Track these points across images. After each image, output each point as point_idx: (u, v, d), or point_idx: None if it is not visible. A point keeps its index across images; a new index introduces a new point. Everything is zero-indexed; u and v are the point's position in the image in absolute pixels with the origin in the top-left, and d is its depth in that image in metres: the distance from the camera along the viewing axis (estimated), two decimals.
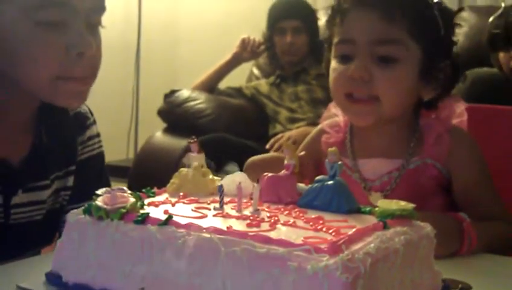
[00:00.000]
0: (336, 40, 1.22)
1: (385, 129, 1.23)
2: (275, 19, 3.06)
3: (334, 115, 1.35)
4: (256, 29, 3.20)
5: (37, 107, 1.17)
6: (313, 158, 1.27)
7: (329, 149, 0.88)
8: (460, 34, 1.29)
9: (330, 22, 1.25)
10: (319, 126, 1.37)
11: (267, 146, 2.70)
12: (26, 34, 1.04)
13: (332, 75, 1.22)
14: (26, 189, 1.15)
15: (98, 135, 1.34)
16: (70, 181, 1.25)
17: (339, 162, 0.87)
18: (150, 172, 2.86)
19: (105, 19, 1.14)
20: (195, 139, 0.97)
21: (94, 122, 1.33)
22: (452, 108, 1.26)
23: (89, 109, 1.33)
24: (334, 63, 1.22)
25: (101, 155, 1.33)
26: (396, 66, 1.16)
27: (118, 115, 3.89)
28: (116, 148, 3.79)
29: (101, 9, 1.12)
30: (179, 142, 2.88)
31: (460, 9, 1.37)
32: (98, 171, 1.32)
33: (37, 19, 1.03)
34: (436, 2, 1.20)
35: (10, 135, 1.14)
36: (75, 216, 0.82)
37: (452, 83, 1.24)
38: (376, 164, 1.24)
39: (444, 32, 1.20)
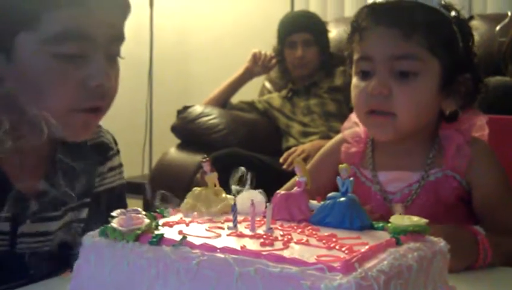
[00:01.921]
0: (355, 57, 1.24)
1: (406, 142, 1.24)
2: (285, 32, 3.07)
3: (355, 125, 1.35)
4: (267, 44, 3.21)
5: (52, 140, 1.14)
6: (331, 167, 1.26)
7: (340, 166, 0.88)
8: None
9: (350, 39, 1.26)
10: (339, 135, 1.38)
11: (281, 160, 2.70)
12: (44, 66, 1.02)
13: (353, 92, 1.24)
14: (35, 219, 1.12)
15: (119, 166, 1.31)
16: (84, 213, 1.22)
17: (351, 179, 0.88)
18: (165, 188, 2.87)
19: None
20: (208, 158, 0.98)
21: (117, 152, 1.30)
22: (472, 121, 1.26)
23: (113, 138, 1.31)
24: (355, 80, 1.23)
25: (120, 187, 1.30)
26: (415, 80, 1.17)
27: (132, 131, 3.92)
28: (131, 165, 3.82)
29: (121, 39, 1.10)
30: (193, 158, 2.89)
31: (470, 18, 1.38)
32: (115, 204, 1.24)
33: (55, 51, 1.02)
34: (455, 16, 1.21)
35: (25, 163, 1.12)
36: (92, 238, 0.83)
37: (474, 96, 1.24)
38: (397, 176, 1.25)
39: (463, 46, 1.21)
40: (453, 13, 1.21)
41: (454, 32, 1.20)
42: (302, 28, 3.03)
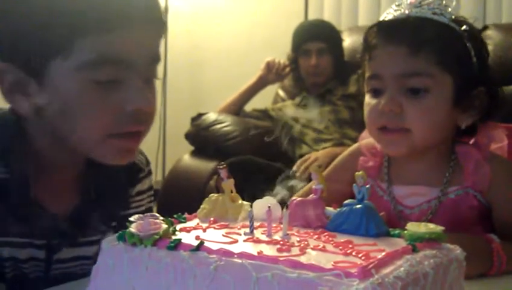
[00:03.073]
0: (367, 75, 1.24)
1: (422, 157, 1.23)
2: (300, 40, 3.09)
3: None
4: (281, 52, 3.22)
5: (85, 161, 1.13)
6: (347, 176, 1.26)
7: (357, 173, 0.89)
8: None
9: (361, 57, 1.26)
10: (356, 145, 1.37)
11: (294, 168, 2.71)
12: (79, 92, 1.00)
13: (365, 109, 1.24)
14: (71, 245, 1.12)
15: (149, 189, 1.28)
16: None
17: (367, 186, 0.88)
18: (179, 194, 2.89)
19: None
20: (225, 165, 0.98)
21: (149, 173, 1.28)
22: (490, 134, 1.25)
23: (146, 159, 1.28)
24: (367, 98, 1.24)
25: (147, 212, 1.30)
26: (426, 96, 1.16)
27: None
28: None
29: (157, 60, 1.07)
30: (207, 165, 2.90)
31: (485, 28, 1.37)
32: None
33: (91, 78, 0.99)
34: (466, 30, 1.19)
35: (58, 189, 1.11)
36: (110, 243, 0.84)
37: (490, 109, 1.22)
38: (414, 191, 1.24)
39: (477, 60, 1.19)
40: (464, 27, 1.19)
41: (466, 46, 1.18)
42: (316, 37, 3.04)
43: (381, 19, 1.26)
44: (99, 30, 0.98)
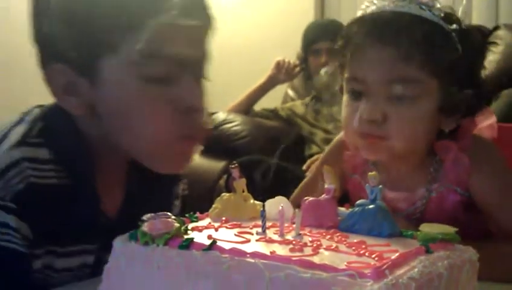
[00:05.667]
0: (346, 74, 1.15)
1: (403, 161, 1.17)
2: (310, 40, 3.09)
3: None
4: (291, 51, 3.22)
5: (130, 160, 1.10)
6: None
7: (370, 173, 0.88)
8: (497, 53, 1.25)
9: (340, 52, 1.16)
10: (339, 138, 1.30)
11: (304, 167, 2.70)
12: (133, 87, 0.96)
13: (344, 111, 1.16)
14: None
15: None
16: None
17: (380, 186, 0.88)
18: (188, 193, 2.89)
19: None
20: (237, 165, 0.98)
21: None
22: (471, 122, 1.17)
23: None
24: (346, 98, 1.16)
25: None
26: (412, 103, 1.08)
27: None
28: None
29: (207, 58, 1.04)
30: (216, 164, 2.90)
31: (496, 28, 1.34)
32: None
33: (143, 73, 0.96)
34: (456, 29, 1.10)
35: (105, 187, 1.06)
36: (122, 242, 0.84)
37: (474, 111, 1.15)
38: (399, 196, 1.19)
39: (466, 61, 1.10)
40: (454, 26, 1.10)
41: (456, 48, 1.09)
42: (326, 36, 3.03)
43: (362, 7, 1.15)
44: (153, 24, 0.95)
